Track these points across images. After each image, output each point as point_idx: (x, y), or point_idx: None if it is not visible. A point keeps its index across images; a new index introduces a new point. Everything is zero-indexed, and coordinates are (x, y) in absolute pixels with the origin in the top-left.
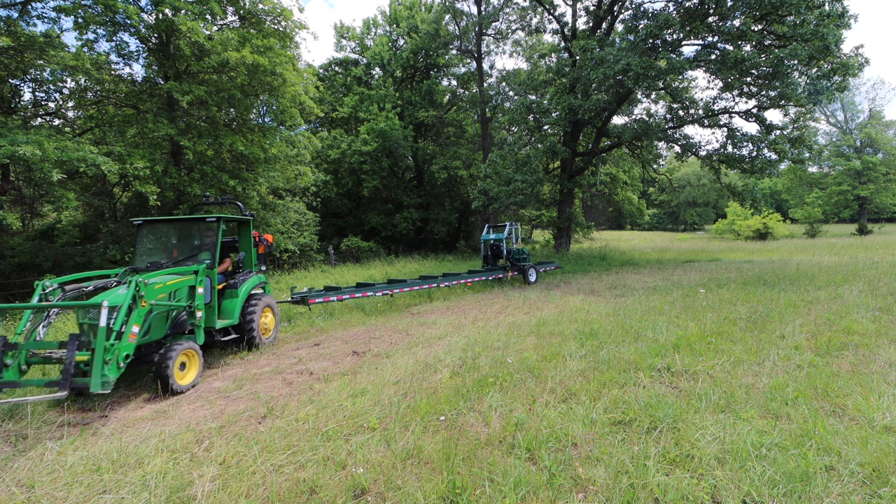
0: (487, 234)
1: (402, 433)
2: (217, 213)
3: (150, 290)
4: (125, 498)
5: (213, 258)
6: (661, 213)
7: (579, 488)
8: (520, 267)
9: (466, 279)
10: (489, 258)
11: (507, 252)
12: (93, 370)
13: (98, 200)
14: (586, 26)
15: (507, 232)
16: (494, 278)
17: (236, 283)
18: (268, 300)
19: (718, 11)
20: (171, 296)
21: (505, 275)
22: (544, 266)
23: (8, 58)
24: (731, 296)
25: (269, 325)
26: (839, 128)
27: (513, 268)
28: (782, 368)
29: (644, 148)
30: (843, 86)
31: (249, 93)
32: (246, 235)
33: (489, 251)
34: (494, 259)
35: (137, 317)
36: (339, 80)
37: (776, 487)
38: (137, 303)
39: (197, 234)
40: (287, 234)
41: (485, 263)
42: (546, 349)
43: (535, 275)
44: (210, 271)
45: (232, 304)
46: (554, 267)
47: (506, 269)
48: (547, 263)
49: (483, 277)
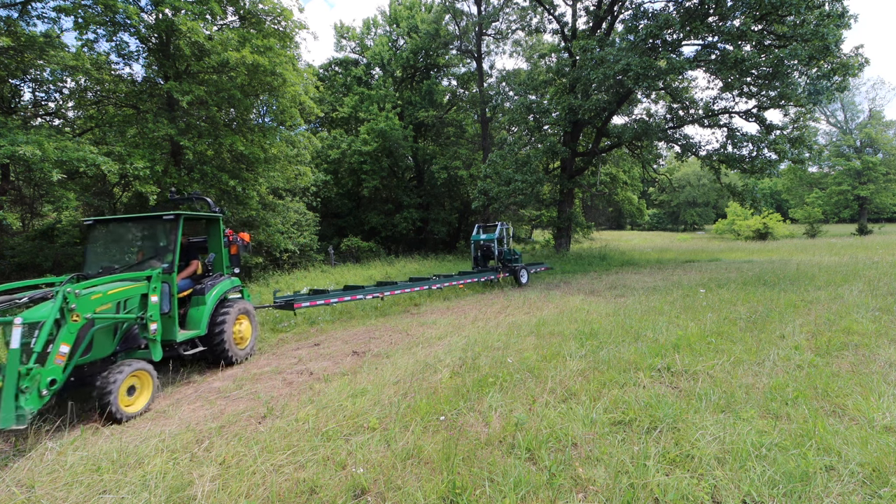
0: (477, 234)
1: (402, 433)
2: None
3: (83, 302)
4: (125, 498)
5: (171, 261)
6: (661, 213)
7: (579, 488)
8: (511, 268)
9: (458, 281)
10: (479, 259)
11: (498, 253)
12: (2, 402)
13: (98, 200)
14: (586, 26)
15: (499, 232)
16: (486, 280)
17: (204, 289)
18: (243, 306)
19: (718, 11)
20: (119, 307)
21: (496, 276)
22: (535, 267)
23: (8, 58)
24: (731, 296)
25: (244, 333)
26: (839, 128)
27: (504, 269)
28: (782, 368)
29: (644, 148)
30: (843, 86)
31: (249, 93)
32: (216, 234)
33: (479, 252)
34: (485, 260)
35: (67, 334)
36: (339, 80)
37: (776, 487)
38: (67, 317)
39: (155, 235)
40: (287, 234)
41: (475, 265)
42: (546, 349)
43: (526, 276)
44: (168, 276)
45: (199, 312)
46: (544, 268)
47: (497, 271)
48: (537, 264)
49: (474, 279)
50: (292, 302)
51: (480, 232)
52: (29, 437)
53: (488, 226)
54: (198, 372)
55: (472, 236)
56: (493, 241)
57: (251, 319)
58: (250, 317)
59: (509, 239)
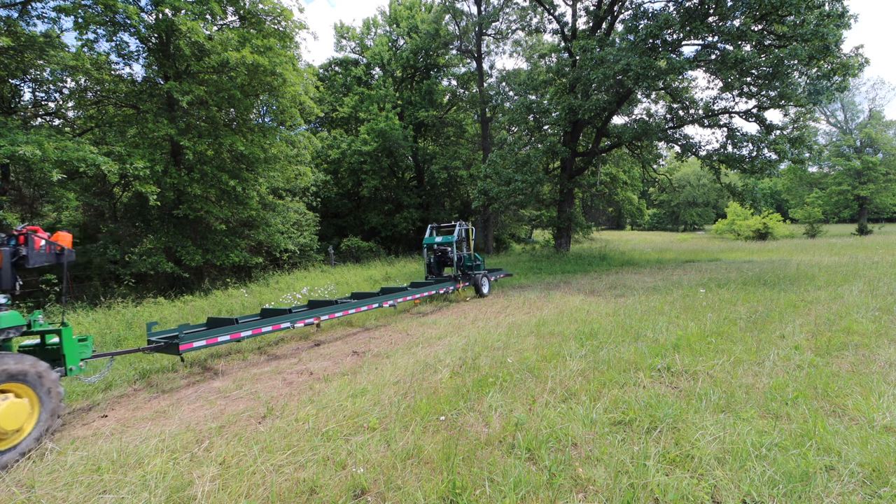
0: (431, 236)
1: (402, 433)
2: None
3: None
4: (125, 498)
5: None
6: (661, 213)
7: (579, 488)
8: (472, 277)
9: (411, 295)
10: (434, 266)
11: (457, 259)
12: None
13: (98, 200)
14: (586, 26)
15: (457, 234)
16: (445, 291)
17: None
18: (12, 367)
19: (718, 11)
20: None
21: (455, 287)
22: (494, 274)
23: (8, 58)
24: (731, 296)
25: (16, 422)
26: (839, 128)
27: (464, 278)
28: (782, 368)
29: (644, 148)
30: (843, 86)
31: (249, 93)
32: None
33: (433, 258)
34: (440, 267)
35: None
36: (339, 80)
37: (776, 487)
38: None
39: None
40: (287, 234)
41: (429, 273)
42: (546, 349)
43: (488, 285)
44: None
45: None
46: (503, 275)
47: (456, 280)
48: (496, 271)
49: (431, 291)
50: (176, 343)
51: (435, 234)
52: None
53: (445, 226)
54: (198, 372)
55: (424, 239)
56: (451, 245)
57: (37, 393)
58: (35, 389)
59: (470, 242)
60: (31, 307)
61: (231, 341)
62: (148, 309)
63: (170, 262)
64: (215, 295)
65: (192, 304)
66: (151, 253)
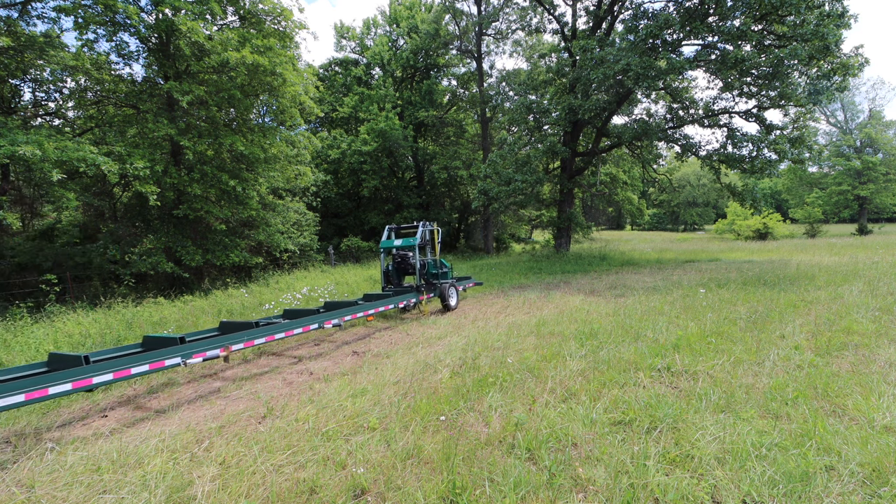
0: (390, 239)
1: (402, 433)
2: None
3: None
4: (125, 498)
5: None
6: (661, 213)
7: (579, 488)
8: (438, 287)
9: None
10: (392, 274)
11: (420, 266)
12: None
13: (98, 200)
14: (586, 26)
15: (420, 237)
16: (405, 305)
17: None
18: None
19: (718, 11)
20: None
21: (418, 299)
22: (463, 282)
23: (8, 58)
24: (731, 296)
25: None
26: (839, 128)
27: (428, 288)
28: (782, 368)
29: (644, 148)
30: (843, 86)
31: (249, 93)
32: None
33: (392, 265)
34: (399, 276)
35: None
36: (339, 80)
37: (776, 487)
38: None
39: None
40: (287, 234)
41: (386, 283)
42: (546, 349)
43: (456, 296)
44: None
45: None
46: (472, 283)
47: (418, 290)
48: (465, 279)
49: (388, 306)
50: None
51: (394, 236)
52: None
53: (405, 228)
54: (198, 372)
55: (381, 242)
56: (413, 249)
57: None
58: None
59: (436, 245)
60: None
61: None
62: (148, 309)
63: (170, 262)
64: (215, 295)
65: (192, 305)
66: (151, 253)
